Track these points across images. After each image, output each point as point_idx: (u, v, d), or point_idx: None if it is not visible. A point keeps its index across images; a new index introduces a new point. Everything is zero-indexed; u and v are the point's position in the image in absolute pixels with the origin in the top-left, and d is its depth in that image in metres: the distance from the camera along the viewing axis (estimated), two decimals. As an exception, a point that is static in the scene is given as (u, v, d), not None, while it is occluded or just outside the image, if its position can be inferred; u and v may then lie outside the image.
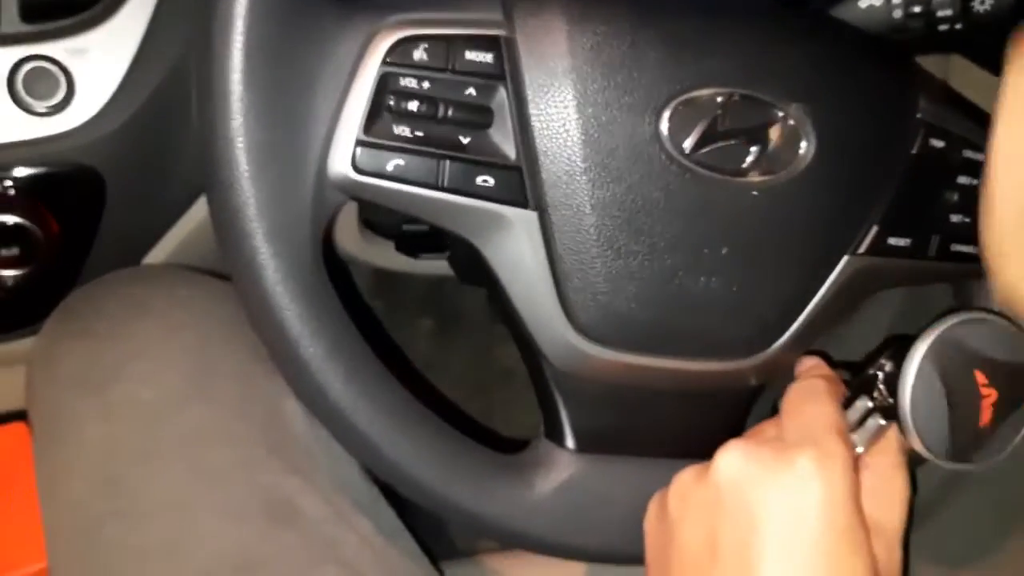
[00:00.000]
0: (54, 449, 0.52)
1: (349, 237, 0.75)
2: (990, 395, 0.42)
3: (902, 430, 0.43)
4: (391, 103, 0.42)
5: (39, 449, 0.53)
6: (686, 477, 0.43)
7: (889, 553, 0.41)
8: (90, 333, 0.54)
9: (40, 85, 0.54)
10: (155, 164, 0.60)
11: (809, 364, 0.49)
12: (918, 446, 0.43)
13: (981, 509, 0.64)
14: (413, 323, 1.14)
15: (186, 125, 0.57)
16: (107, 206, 0.59)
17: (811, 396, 0.45)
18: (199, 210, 0.63)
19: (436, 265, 0.77)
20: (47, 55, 0.54)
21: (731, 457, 0.41)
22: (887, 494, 0.43)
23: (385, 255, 0.76)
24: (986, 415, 0.42)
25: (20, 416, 0.59)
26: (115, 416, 0.51)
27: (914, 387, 0.42)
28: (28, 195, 0.56)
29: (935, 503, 0.65)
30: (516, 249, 0.45)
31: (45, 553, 0.51)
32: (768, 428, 0.46)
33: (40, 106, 0.54)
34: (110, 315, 0.55)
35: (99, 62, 0.55)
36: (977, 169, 0.51)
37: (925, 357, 0.42)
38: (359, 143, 0.42)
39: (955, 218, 0.51)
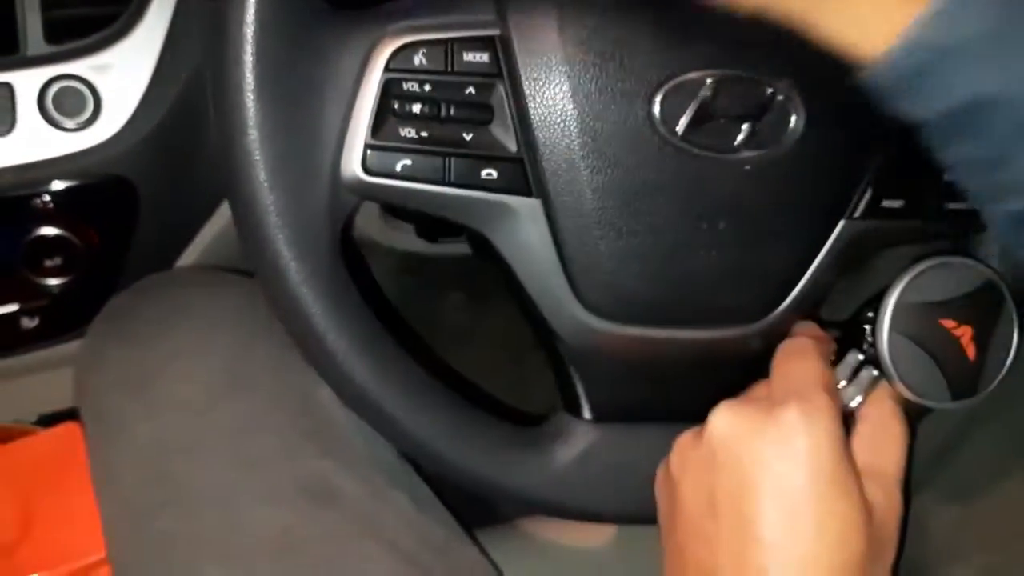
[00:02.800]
0: (105, 446, 0.55)
1: (372, 224, 0.78)
2: (965, 332, 0.44)
3: (893, 387, 0.45)
4: (396, 107, 0.44)
5: (91, 446, 0.56)
6: (683, 441, 0.45)
7: (888, 498, 0.43)
8: (131, 335, 0.57)
9: (68, 102, 0.56)
10: (182, 169, 0.63)
11: (800, 327, 0.51)
12: (913, 397, 0.45)
13: (995, 444, 0.65)
14: (444, 297, 1.17)
15: (208, 130, 0.59)
16: (140, 213, 0.61)
17: (797, 354, 0.47)
18: (226, 211, 0.65)
19: (460, 244, 0.80)
20: (73, 73, 0.56)
21: (721, 417, 0.43)
22: (884, 441, 0.45)
23: (407, 240, 0.79)
24: (970, 350, 0.44)
25: (72, 414, 0.63)
26: (159, 413, 0.54)
27: (891, 353, 0.44)
28: (66, 208, 0.59)
29: (950, 445, 0.66)
30: (523, 236, 0.47)
31: (104, 544, 0.54)
32: (759, 388, 0.48)
33: (70, 122, 0.57)
34: (149, 318, 0.58)
35: (122, 76, 0.57)
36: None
37: (891, 328, 0.44)
38: (368, 147, 0.44)
39: (947, 176, 0.53)
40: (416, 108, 0.44)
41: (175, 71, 0.59)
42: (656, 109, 0.46)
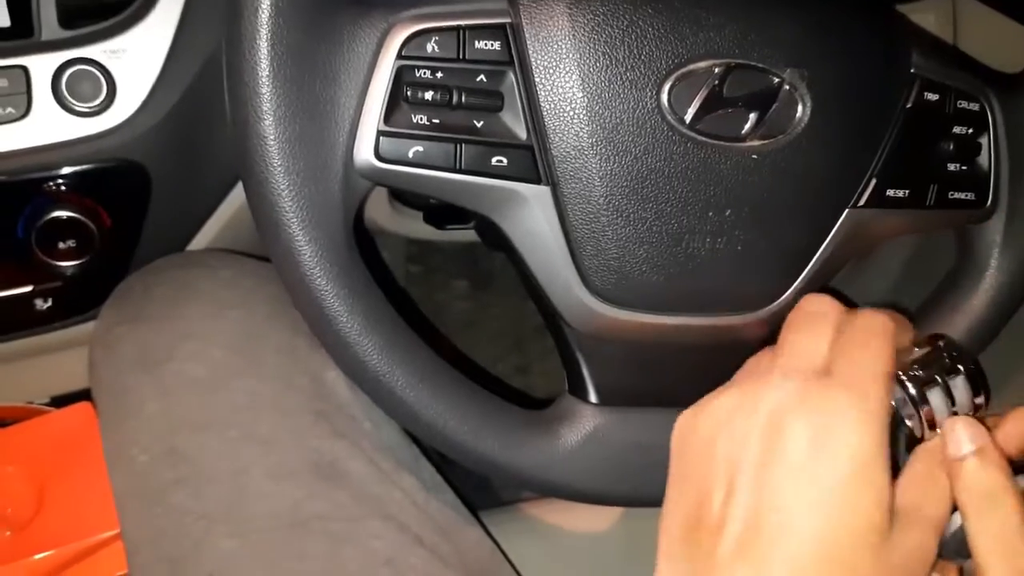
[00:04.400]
0: (118, 425, 0.56)
1: (381, 211, 0.79)
2: None
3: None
4: (408, 94, 0.45)
5: (104, 425, 0.57)
6: (723, 398, 0.43)
7: (922, 541, 0.40)
8: (143, 317, 0.58)
9: (82, 87, 0.57)
10: (195, 155, 0.63)
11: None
12: None
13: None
14: (450, 285, 1.18)
15: (221, 115, 0.60)
16: (152, 197, 0.62)
17: (875, 334, 0.43)
18: (238, 196, 0.66)
19: (466, 232, 0.81)
20: (87, 57, 0.57)
21: (779, 389, 0.41)
22: (931, 487, 0.42)
23: (415, 226, 0.80)
24: None
25: (85, 396, 0.63)
26: (171, 392, 0.54)
27: None
28: (79, 191, 0.59)
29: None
30: (532, 222, 0.48)
31: (116, 521, 0.55)
32: (813, 356, 0.44)
33: (84, 107, 0.57)
34: (161, 299, 0.58)
35: (136, 61, 0.58)
36: (971, 119, 0.54)
37: None
38: (381, 133, 0.45)
39: (952, 167, 0.54)
40: (428, 95, 0.45)
41: (189, 56, 0.59)
42: (664, 97, 0.47)
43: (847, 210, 0.52)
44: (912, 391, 0.42)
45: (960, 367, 0.43)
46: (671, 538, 0.43)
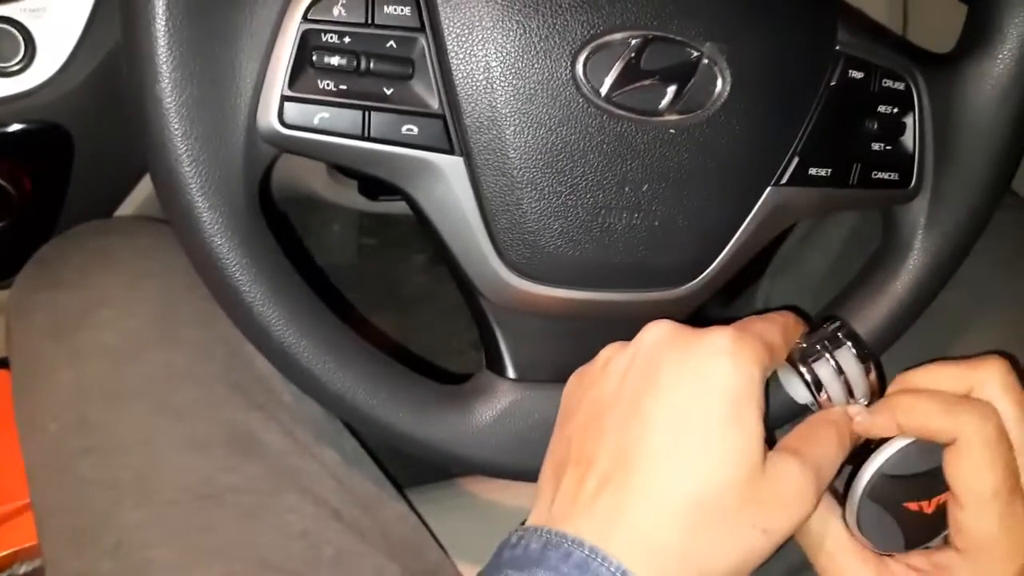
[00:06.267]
0: (30, 393, 0.55)
1: (319, 181, 0.77)
2: (930, 503, 0.43)
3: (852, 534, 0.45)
4: (314, 58, 0.44)
5: (17, 393, 0.56)
6: (607, 350, 0.45)
7: (798, 475, 0.41)
8: (59, 283, 0.56)
9: (1, 46, 0.56)
10: (120, 119, 0.61)
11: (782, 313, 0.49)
12: (870, 547, 0.44)
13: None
14: (407, 259, 1.17)
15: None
16: (76, 162, 0.61)
17: (763, 318, 0.45)
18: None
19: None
20: (6, 16, 0.55)
21: (657, 327, 0.43)
22: (820, 437, 0.44)
23: (354, 197, 0.79)
24: (929, 508, 0.44)
25: (2, 363, 0.62)
26: (83, 360, 0.53)
27: (860, 516, 0.44)
28: (-1, 153, 0.59)
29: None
30: (445, 193, 0.47)
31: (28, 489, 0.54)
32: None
33: (2, 66, 0.56)
34: (78, 266, 0.57)
35: (57, 20, 0.57)
36: (896, 98, 0.53)
37: (865, 496, 0.43)
38: (285, 98, 0.44)
39: (876, 146, 0.53)
40: (335, 60, 0.44)
41: (112, 18, 0.58)
42: (580, 69, 0.46)
43: (768, 188, 0.51)
44: (802, 368, 0.45)
45: (846, 340, 0.45)
46: (545, 479, 0.44)
